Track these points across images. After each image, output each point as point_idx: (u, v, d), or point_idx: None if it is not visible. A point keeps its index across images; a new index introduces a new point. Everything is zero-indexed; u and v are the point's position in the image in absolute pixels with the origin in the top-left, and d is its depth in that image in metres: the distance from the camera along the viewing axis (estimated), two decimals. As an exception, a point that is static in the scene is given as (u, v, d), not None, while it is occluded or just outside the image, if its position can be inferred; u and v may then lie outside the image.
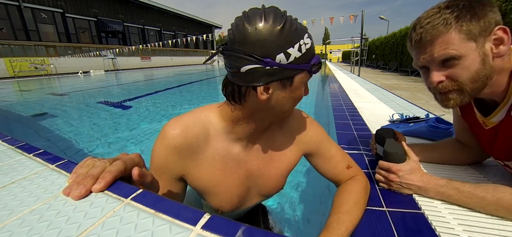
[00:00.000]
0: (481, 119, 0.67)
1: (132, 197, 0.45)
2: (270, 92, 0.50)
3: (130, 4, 21.33)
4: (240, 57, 0.47)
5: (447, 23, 0.54)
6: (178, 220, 0.39)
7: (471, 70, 0.55)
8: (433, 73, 0.59)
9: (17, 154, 0.71)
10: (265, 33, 0.45)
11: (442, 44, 0.55)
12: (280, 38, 0.45)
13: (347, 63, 24.97)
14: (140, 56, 21.57)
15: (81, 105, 5.02)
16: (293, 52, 0.47)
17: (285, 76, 0.49)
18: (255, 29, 0.45)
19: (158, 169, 0.58)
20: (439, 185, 0.65)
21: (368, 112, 1.84)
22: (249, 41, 0.45)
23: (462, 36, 0.53)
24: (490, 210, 0.58)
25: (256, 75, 0.48)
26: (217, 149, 0.60)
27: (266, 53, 0.46)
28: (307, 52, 0.49)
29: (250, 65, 0.47)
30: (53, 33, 16.26)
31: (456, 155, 0.85)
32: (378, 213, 0.63)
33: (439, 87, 0.59)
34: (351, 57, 11.55)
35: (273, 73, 0.48)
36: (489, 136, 0.66)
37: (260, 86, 0.49)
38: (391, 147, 0.73)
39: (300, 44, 0.48)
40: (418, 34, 0.58)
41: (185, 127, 0.57)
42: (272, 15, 0.46)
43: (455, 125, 0.88)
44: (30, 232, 0.37)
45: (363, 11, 7.68)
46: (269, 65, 0.46)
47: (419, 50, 0.60)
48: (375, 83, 4.12)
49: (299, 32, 0.48)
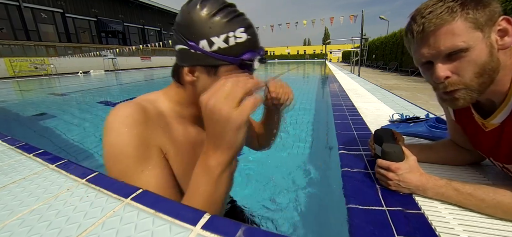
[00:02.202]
0: (480, 121, 0.65)
1: (132, 197, 0.45)
2: (195, 75, 0.52)
3: (130, 4, 21.33)
4: (175, 37, 0.51)
5: (453, 10, 0.49)
6: (178, 220, 0.39)
7: (478, 63, 0.50)
8: (439, 67, 0.54)
9: (17, 154, 0.71)
10: (194, 17, 0.47)
11: (447, 34, 0.50)
12: (206, 25, 0.47)
13: (347, 63, 24.98)
14: (140, 56, 21.57)
15: (81, 105, 5.02)
16: (218, 41, 0.47)
17: (209, 63, 0.49)
18: (189, 12, 0.48)
19: (135, 154, 0.46)
20: (438, 185, 0.65)
21: (368, 112, 1.84)
22: (182, 22, 0.49)
23: (469, 24, 0.49)
24: (490, 212, 0.58)
25: (184, 56, 0.51)
26: (178, 129, 0.58)
27: (191, 36, 0.48)
28: (236, 45, 0.48)
29: (180, 45, 0.50)
30: (53, 33, 16.28)
31: (456, 155, 0.84)
32: (378, 212, 0.63)
33: (446, 83, 0.54)
34: (351, 57, 11.55)
35: (197, 57, 0.49)
36: (491, 138, 0.64)
37: (185, 66, 0.51)
38: (389, 147, 0.73)
39: (228, 36, 0.47)
40: (419, 24, 0.53)
41: (138, 104, 0.52)
42: (209, 2, 0.47)
43: (449, 128, 0.86)
44: (30, 232, 0.37)
45: (363, 11, 7.67)
46: (193, 49, 0.48)
47: (422, 43, 0.54)
48: (375, 83, 4.12)
49: (232, 24, 0.48)
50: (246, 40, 0.49)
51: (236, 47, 0.48)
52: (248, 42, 0.50)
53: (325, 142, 2.32)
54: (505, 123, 0.58)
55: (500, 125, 0.59)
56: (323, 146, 2.27)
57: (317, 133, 2.77)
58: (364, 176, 0.82)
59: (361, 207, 0.66)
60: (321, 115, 3.35)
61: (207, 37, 0.47)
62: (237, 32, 0.48)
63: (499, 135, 0.60)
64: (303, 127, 2.99)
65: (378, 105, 2.12)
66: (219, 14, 0.47)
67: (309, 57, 58.33)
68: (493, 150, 0.66)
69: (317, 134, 2.74)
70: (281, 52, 65.08)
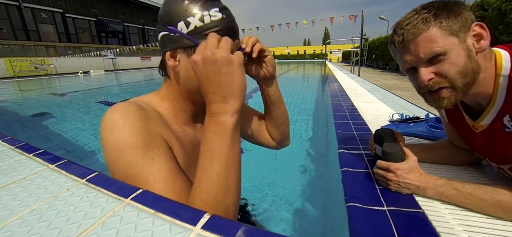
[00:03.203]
0: (471, 123, 0.67)
1: (132, 197, 0.45)
2: (177, 59, 0.52)
3: (130, 4, 21.33)
4: (157, 28, 0.53)
5: (427, 20, 0.54)
6: (178, 220, 0.39)
7: (458, 64, 0.54)
8: (421, 71, 0.58)
9: (17, 154, 0.71)
10: (171, 3, 0.50)
11: (425, 41, 0.55)
12: (182, 8, 0.49)
13: (347, 63, 24.98)
14: (140, 56, 21.57)
15: (81, 105, 5.02)
16: (193, 21, 0.49)
17: (188, 44, 0.50)
18: (168, 1, 0.50)
19: (145, 145, 0.45)
20: (438, 185, 0.65)
21: (368, 112, 1.84)
22: (162, 12, 0.51)
23: (443, 31, 0.54)
24: (489, 212, 0.59)
25: (165, 42, 0.52)
26: (175, 128, 0.57)
27: (170, 20, 0.50)
28: (211, 23, 0.49)
29: (161, 32, 0.52)
30: (53, 33, 16.29)
31: (455, 155, 0.85)
32: (378, 212, 0.63)
33: (430, 85, 0.58)
34: (351, 57, 11.55)
35: (176, 40, 0.50)
36: (483, 139, 0.66)
37: (167, 51, 0.52)
38: (389, 147, 0.73)
39: (203, 14, 0.49)
40: (399, 35, 0.59)
41: (132, 103, 0.50)
42: None
43: (445, 129, 0.88)
44: (30, 232, 0.37)
45: (363, 11, 7.67)
46: (172, 32, 0.50)
47: (404, 51, 0.60)
48: (375, 83, 4.12)
49: (207, 5, 0.49)
50: (220, 18, 0.50)
51: (211, 25, 0.50)
52: (222, 21, 0.51)
53: (325, 142, 2.32)
54: (494, 124, 0.60)
55: (489, 127, 0.61)
56: (323, 145, 2.27)
57: (317, 132, 2.77)
58: (364, 176, 0.82)
59: (361, 206, 0.66)
60: (321, 115, 3.35)
61: (184, 18, 0.49)
62: (211, 11, 0.50)
63: (491, 135, 0.62)
64: (302, 127, 2.99)
65: (378, 105, 2.12)
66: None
67: (309, 57, 58.35)
68: (487, 151, 0.67)
69: (317, 133, 2.74)
70: (281, 52, 65.08)
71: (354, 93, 2.86)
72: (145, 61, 21.94)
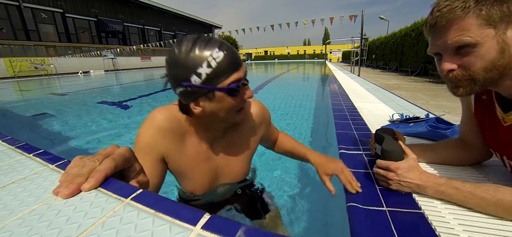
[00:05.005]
0: (501, 115, 0.64)
1: (132, 197, 0.45)
2: (201, 105, 0.58)
3: (130, 4, 21.32)
4: (172, 84, 0.57)
5: (466, 6, 0.50)
6: (178, 220, 0.39)
7: (485, 58, 0.51)
8: (445, 60, 0.56)
9: (17, 154, 0.71)
10: (177, 61, 0.54)
11: (457, 29, 0.52)
12: (189, 62, 0.53)
13: (347, 63, 24.96)
14: (140, 56, 21.57)
15: (81, 105, 5.02)
16: (203, 70, 0.53)
17: (206, 92, 0.56)
18: (172, 59, 0.54)
19: (145, 148, 0.63)
20: (438, 184, 0.64)
21: (368, 112, 1.84)
22: (171, 71, 0.55)
23: (480, 21, 0.50)
24: (490, 211, 0.58)
25: (185, 95, 0.57)
26: (193, 141, 0.70)
27: (183, 77, 0.54)
28: (218, 65, 0.54)
29: (179, 88, 0.56)
30: (53, 33, 16.27)
31: (456, 155, 0.84)
32: (378, 212, 0.63)
33: (450, 76, 0.57)
34: (351, 57, 11.54)
35: (195, 92, 0.56)
36: (507, 133, 0.63)
37: (191, 102, 0.58)
38: (388, 145, 0.73)
39: (208, 60, 0.53)
40: (433, 18, 0.55)
41: (170, 115, 0.65)
42: (183, 42, 0.54)
43: (463, 121, 0.84)
44: (30, 232, 0.37)
45: (363, 11, 7.67)
46: (190, 87, 0.55)
47: (434, 36, 0.57)
48: (375, 83, 4.12)
49: (207, 49, 0.53)
50: (223, 57, 0.54)
51: (219, 67, 0.54)
52: (226, 59, 0.55)
53: (325, 142, 2.32)
54: None
55: None
56: (323, 145, 2.27)
57: (317, 132, 2.77)
58: (364, 176, 0.82)
59: (361, 206, 0.66)
60: (321, 115, 3.35)
61: (194, 70, 0.53)
62: (214, 54, 0.53)
63: None
64: (302, 127, 2.98)
65: (378, 105, 2.12)
66: (195, 47, 0.53)
67: (309, 57, 58.25)
68: (508, 146, 0.64)
69: (317, 133, 2.74)
70: (281, 52, 65.02)
71: (354, 93, 2.86)
72: (145, 61, 21.93)
